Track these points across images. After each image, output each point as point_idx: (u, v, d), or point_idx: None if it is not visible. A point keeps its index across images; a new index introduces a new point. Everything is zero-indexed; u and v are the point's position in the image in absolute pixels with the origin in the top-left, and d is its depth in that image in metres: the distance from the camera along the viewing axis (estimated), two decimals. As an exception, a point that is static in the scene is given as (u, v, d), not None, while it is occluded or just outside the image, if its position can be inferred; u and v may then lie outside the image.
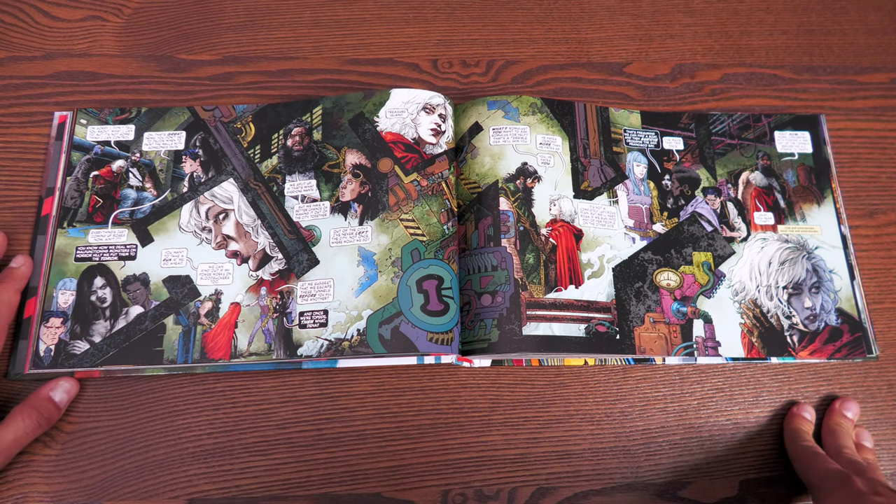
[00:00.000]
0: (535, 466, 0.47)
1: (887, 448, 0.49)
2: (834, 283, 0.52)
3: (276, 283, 0.49)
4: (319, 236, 0.50)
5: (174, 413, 0.47)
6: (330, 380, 0.48)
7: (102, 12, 0.58)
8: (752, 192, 0.55)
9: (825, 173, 0.56)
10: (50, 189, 0.51)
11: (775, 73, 0.60)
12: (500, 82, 0.58)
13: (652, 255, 0.52)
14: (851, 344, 0.51)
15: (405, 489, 0.46)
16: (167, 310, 0.48)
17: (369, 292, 0.48)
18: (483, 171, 0.51)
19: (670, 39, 0.61)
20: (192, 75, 0.56)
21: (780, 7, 0.64)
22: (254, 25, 0.59)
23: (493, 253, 0.49)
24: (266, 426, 0.47)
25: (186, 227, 0.50)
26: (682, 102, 0.58)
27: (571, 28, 0.61)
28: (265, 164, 0.52)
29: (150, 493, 0.45)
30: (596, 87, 0.59)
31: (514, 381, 0.49)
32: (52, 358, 0.46)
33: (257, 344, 0.47)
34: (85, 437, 0.46)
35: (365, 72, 0.58)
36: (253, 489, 0.45)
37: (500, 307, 0.47)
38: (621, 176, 0.54)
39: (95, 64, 0.56)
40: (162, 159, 0.52)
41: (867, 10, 0.64)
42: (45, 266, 0.49)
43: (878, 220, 0.56)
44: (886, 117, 0.59)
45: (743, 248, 0.53)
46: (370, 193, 0.50)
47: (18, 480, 0.45)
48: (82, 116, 0.53)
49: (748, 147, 0.56)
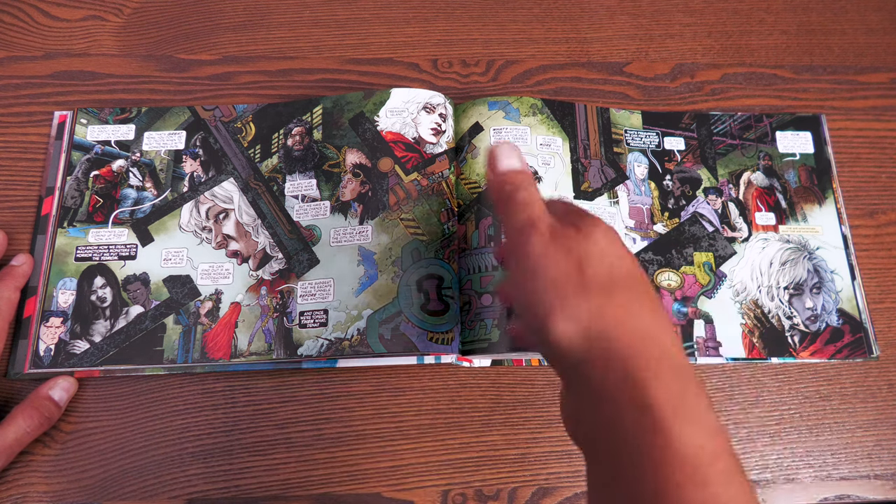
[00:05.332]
0: (535, 466, 0.47)
1: (888, 448, 0.49)
2: (835, 284, 0.52)
3: (276, 282, 0.49)
4: (320, 236, 0.50)
5: (174, 413, 0.47)
6: (329, 380, 0.48)
7: (102, 12, 0.58)
8: (754, 192, 0.55)
9: (826, 174, 0.56)
10: (50, 189, 0.51)
11: (775, 72, 0.60)
12: (500, 82, 0.58)
13: (653, 255, 0.52)
14: (853, 344, 0.51)
15: (405, 489, 0.46)
16: (167, 309, 0.48)
17: (369, 292, 0.48)
18: (483, 171, 0.51)
19: (670, 39, 0.61)
20: (191, 75, 0.56)
21: (780, 7, 0.64)
22: (253, 25, 0.59)
23: (493, 253, 0.49)
24: (265, 426, 0.47)
25: (187, 227, 0.50)
26: (683, 102, 0.58)
27: (571, 28, 0.61)
28: (265, 163, 0.52)
29: (150, 492, 0.45)
30: (596, 87, 0.59)
31: (514, 381, 0.49)
32: (51, 357, 0.46)
33: (257, 344, 0.47)
34: (85, 437, 0.46)
35: (365, 71, 0.58)
36: (252, 489, 0.45)
37: (500, 307, 0.47)
38: (622, 176, 0.54)
39: (95, 64, 0.56)
40: (162, 159, 0.52)
41: (867, 10, 0.64)
42: (45, 266, 0.49)
43: (878, 220, 0.56)
44: (886, 117, 0.59)
45: (744, 249, 0.53)
46: (370, 193, 0.50)
47: (18, 480, 0.44)
48: (82, 116, 0.53)
49: (749, 147, 0.56)
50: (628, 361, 0.30)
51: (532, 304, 0.32)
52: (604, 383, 0.30)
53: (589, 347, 0.31)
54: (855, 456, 0.49)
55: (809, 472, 0.48)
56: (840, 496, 0.48)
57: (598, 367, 0.30)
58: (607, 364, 0.30)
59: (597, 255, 0.32)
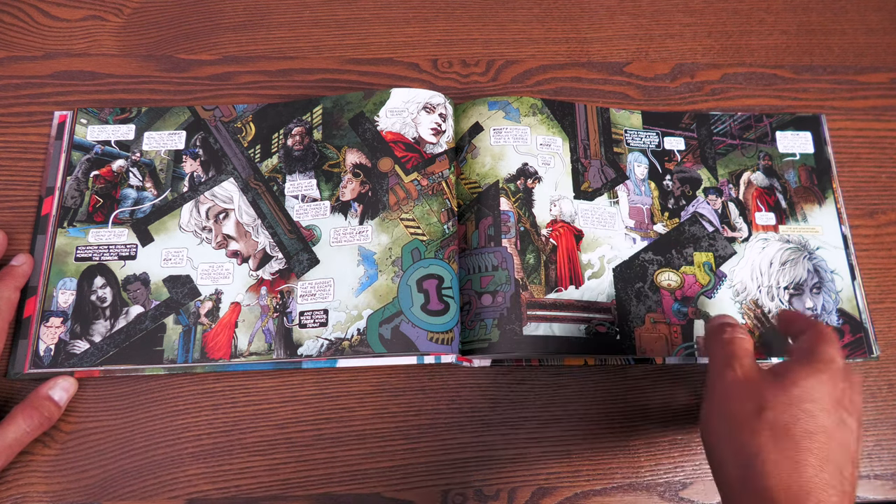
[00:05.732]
0: (535, 466, 0.47)
1: (888, 448, 0.49)
2: (835, 284, 0.52)
3: (276, 282, 0.49)
4: (320, 236, 0.50)
5: (174, 413, 0.47)
6: (329, 380, 0.48)
7: (102, 12, 0.58)
8: (754, 192, 0.55)
9: (826, 174, 0.56)
10: (50, 188, 0.51)
11: (775, 72, 0.60)
12: (500, 82, 0.58)
13: (653, 255, 0.52)
14: (853, 344, 0.51)
15: (405, 489, 0.46)
16: (167, 309, 0.48)
17: (369, 292, 0.48)
18: (483, 171, 0.51)
19: (670, 39, 0.61)
20: (191, 75, 0.56)
21: (780, 7, 0.64)
22: (253, 25, 0.59)
23: (493, 253, 0.49)
24: (266, 426, 0.47)
25: (187, 227, 0.50)
26: (683, 102, 0.58)
27: (571, 28, 0.61)
28: (265, 163, 0.52)
29: (150, 493, 0.45)
30: (596, 87, 0.59)
31: (514, 381, 0.49)
32: (51, 357, 0.46)
33: (257, 343, 0.47)
34: (85, 437, 0.46)
35: (365, 71, 0.58)
36: (252, 489, 0.45)
37: (500, 307, 0.47)
38: (622, 176, 0.54)
39: (95, 64, 0.56)
40: (162, 159, 0.52)
41: (867, 10, 0.64)
42: (45, 266, 0.49)
43: (878, 220, 0.56)
44: (886, 117, 0.59)
45: (744, 249, 0.53)
46: (370, 193, 0.50)
47: (18, 480, 0.44)
48: (82, 116, 0.53)
49: (749, 147, 0.56)
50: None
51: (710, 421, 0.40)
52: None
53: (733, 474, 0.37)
54: (855, 456, 0.49)
55: (809, 472, 0.48)
56: (840, 496, 0.48)
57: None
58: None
59: (782, 404, 0.37)
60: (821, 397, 0.37)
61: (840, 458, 0.36)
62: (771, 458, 0.35)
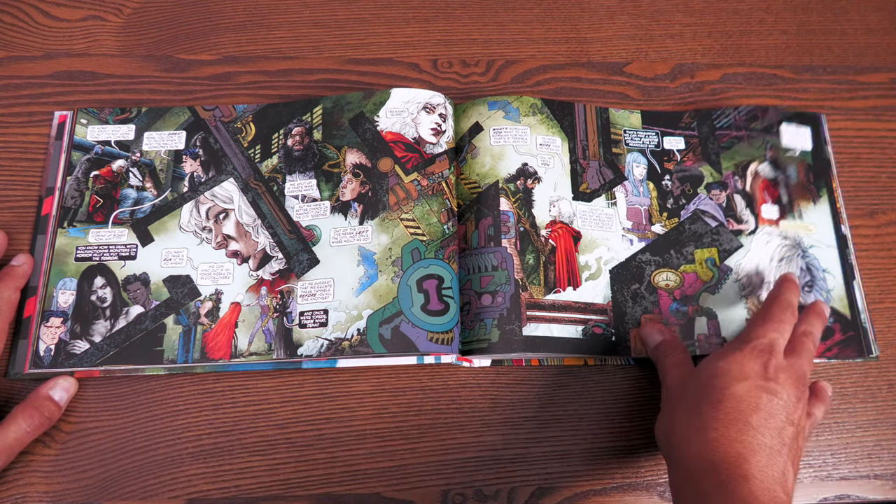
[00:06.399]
0: (535, 466, 0.47)
1: (888, 448, 0.49)
2: (827, 283, 0.52)
3: (276, 282, 0.49)
4: (320, 236, 0.50)
5: (174, 413, 0.47)
6: (330, 380, 0.48)
7: (102, 12, 0.58)
8: (761, 183, 0.55)
9: (824, 172, 0.56)
10: (50, 189, 0.51)
11: (775, 72, 0.60)
12: (500, 82, 0.58)
13: (650, 256, 0.52)
14: (843, 343, 0.51)
15: (405, 489, 0.46)
16: (167, 309, 0.48)
17: (369, 292, 0.48)
18: (483, 172, 0.51)
19: (670, 39, 0.61)
20: (191, 75, 0.56)
21: (780, 7, 0.64)
22: (253, 25, 0.59)
23: (493, 253, 0.49)
24: (266, 426, 0.47)
25: (187, 227, 0.50)
26: (682, 102, 0.58)
27: (571, 28, 0.61)
28: (265, 163, 0.52)
29: (150, 493, 0.45)
30: (596, 87, 0.59)
31: (514, 381, 0.49)
32: (51, 358, 0.46)
33: (257, 344, 0.47)
34: (85, 437, 0.46)
35: (365, 71, 0.58)
36: (252, 489, 0.45)
37: (500, 307, 0.47)
38: (620, 177, 0.54)
39: (95, 64, 0.56)
40: (162, 159, 0.52)
41: (867, 10, 0.64)
42: (45, 266, 0.49)
43: (878, 220, 0.56)
44: (886, 117, 0.59)
45: (751, 242, 0.53)
46: (370, 193, 0.50)
47: (18, 480, 0.44)
48: (82, 116, 0.53)
49: (756, 137, 0.56)
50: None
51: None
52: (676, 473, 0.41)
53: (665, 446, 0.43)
54: (855, 456, 0.49)
55: (809, 472, 0.48)
56: (840, 496, 0.48)
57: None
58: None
59: (693, 387, 0.42)
60: (728, 370, 0.41)
61: (764, 419, 0.38)
62: (684, 433, 0.40)
